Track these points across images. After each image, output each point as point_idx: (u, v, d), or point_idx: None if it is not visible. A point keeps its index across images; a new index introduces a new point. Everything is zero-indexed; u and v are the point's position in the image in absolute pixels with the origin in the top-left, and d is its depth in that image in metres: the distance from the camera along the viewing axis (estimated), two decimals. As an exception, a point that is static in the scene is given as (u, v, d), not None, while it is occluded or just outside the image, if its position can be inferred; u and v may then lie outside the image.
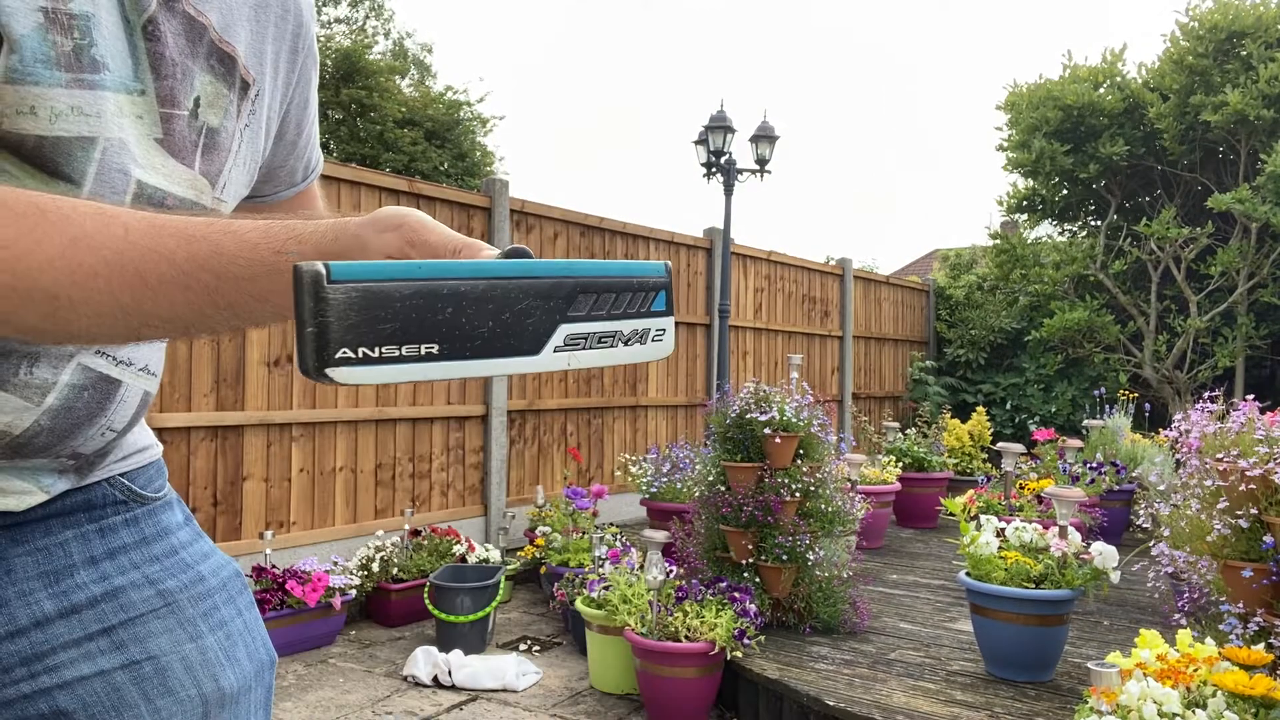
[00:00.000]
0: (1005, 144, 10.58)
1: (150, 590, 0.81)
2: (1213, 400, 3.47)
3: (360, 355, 0.46)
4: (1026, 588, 3.25)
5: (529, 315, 0.52)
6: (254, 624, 0.90)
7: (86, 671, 0.76)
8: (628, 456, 6.85)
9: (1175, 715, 2.12)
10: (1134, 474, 5.94)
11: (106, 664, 0.77)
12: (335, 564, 4.52)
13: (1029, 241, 10.99)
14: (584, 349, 0.55)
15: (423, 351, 0.48)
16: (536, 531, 5.19)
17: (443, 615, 4.14)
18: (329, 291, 0.45)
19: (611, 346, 0.57)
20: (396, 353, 0.47)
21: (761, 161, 8.23)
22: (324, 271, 0.45)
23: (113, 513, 0.82)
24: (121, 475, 0.83)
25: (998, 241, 10.95)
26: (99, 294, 0.56)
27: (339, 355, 0.46)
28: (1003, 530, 3.53)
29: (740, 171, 8.05)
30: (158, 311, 0.57)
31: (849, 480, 4.96)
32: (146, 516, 0.84)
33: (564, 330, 0.54)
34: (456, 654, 3.89)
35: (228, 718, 0.84)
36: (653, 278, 0.59)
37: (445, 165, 15.93)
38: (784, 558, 3.86)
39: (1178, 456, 3.70)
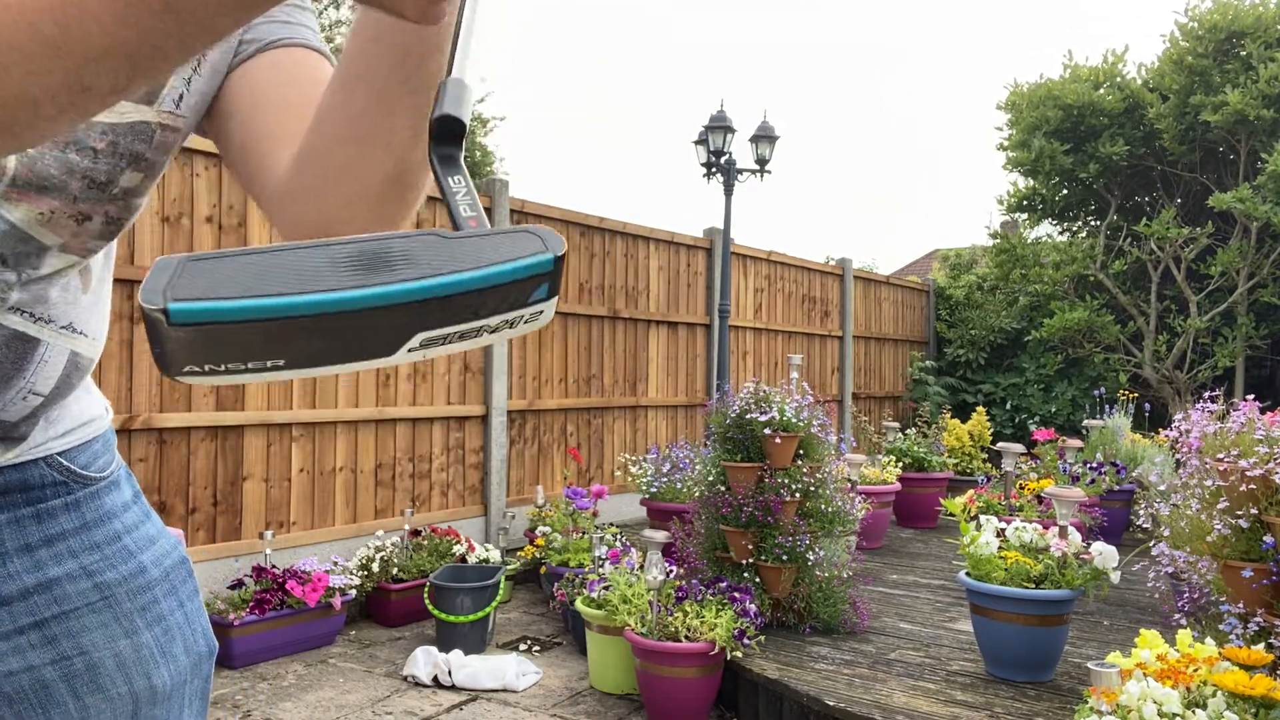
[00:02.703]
0: (1005, 143, 10.58)
1: (87, 583, 0.77)
2: (1213, 400, 3.47)
3: (205, 369, 0.47)
4: (1026, 588, 3.25)
5: (384, 332, 0.49)
6: (195, 614, 0.87)
7: (14, 667, 0.73)
8: (628, 456, 6.85)
9: (1175, 715, 2.12)
10: (1134, 474, 5.94)
11: (36, 659, 0.74)
12: (335, 564, 4.52)
13: (1029, 241, 10.99)
14: (442, 344, 0.52)
15: (268, 365, 0.48)
16: (536, 531, 5.19)
17: (443, 615, 4.14)
18: (170, 331, 0.45)
19: (476, 337, 0.53)
20: (241, 367, 0.47)
21: (761, 161, 8.23)
22: (162, 317, 0.45)
23: (51, 495, 0.77)
24: (60, 454, 0.78)
25: (998, 241, 10.95)
26: (18, 32, 0.46)
27: (185, 369, 0.47)
28: (1003, 530, 3.53)
29: (740, 171, 8.05)
30: (90, 40, 0.47)
31: (849, 480, 4.97)
32: (88, 500, 0.80)
33: (421, 336, 0.51)
34: (456, 654, 3.89)
35: (160, 714, 0.82)
36: (534, 275, 0.53)
37: (445, 165, 15.93)
38: (784, 558, 3.86)
39: (1178, 456, 3.70)
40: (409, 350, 0.51)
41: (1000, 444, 5.70)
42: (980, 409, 8.27)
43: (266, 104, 0.76)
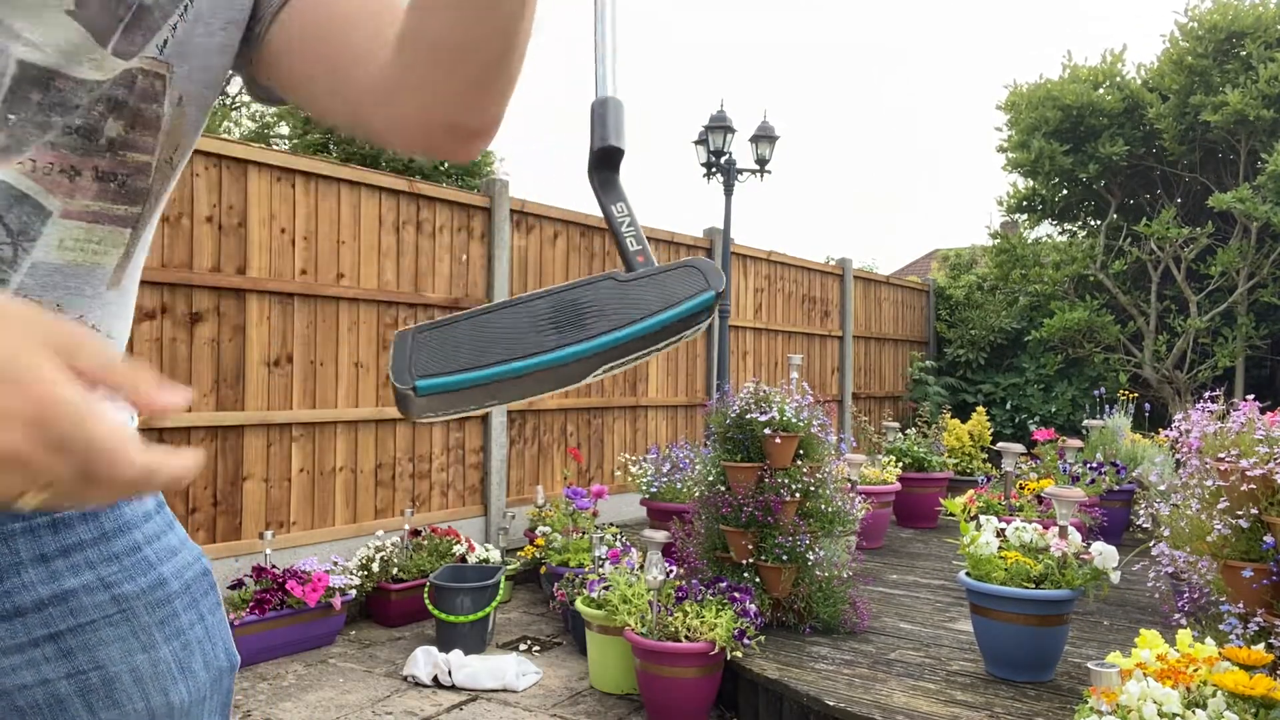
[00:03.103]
0: (1005, 144, 10.58)
1: (104, 595, 0.75)
2: (1213, 400, 3.47)
3: (438, 414, 0.61)
4: (1026, 588, 3.25)
5: (579, 370, 0.61)
6: (216, 628, 0.84)
7: (28, 680, 0.71)
8: (628, 456, 6.85)
9: (1175, 715, 2.12)
10: (1134, 474, 5.94)
11: (50, 673, 0.72)
12: (335, 564, 4.52)
13: (1029, 241, 10.99)
14: (619, 367, 0.62)
15: (484, 405, 0.61)
16: (536, 531, 5.19)
17: (443, 615, 4.14)
18: (416, 399, 0.59)
19: (646, 357, 0.62)
20: (467, 409, 0.61)
21: (761, 161, 8.23)
22: (412, 393, 0.59)
23: None
24: None
25: (998, 241, 10.95)
26: None
27: (424, 416, 0.61)
28: (1003, 530, 3.53)
29: (740, 171, 8.05)
30: None
31: (849, 480, 4.97)
32: (107, 510, 0.78)
33: (605, 366, 0.62)
34: (456, 654, 3.89)
35: None
36: (701, 311, 0.61)
37: (445, 165, 15.94)
38: (784, 558, 3.86)
39: (1178, 456, 3.70)
40: (592, 376, 0.62)
41: (1000, 444, 5.69)
42: (980, 409, 8.27)
43: (330, 30, 0.75)
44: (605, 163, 0.65)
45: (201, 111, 0.75)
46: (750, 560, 3.95)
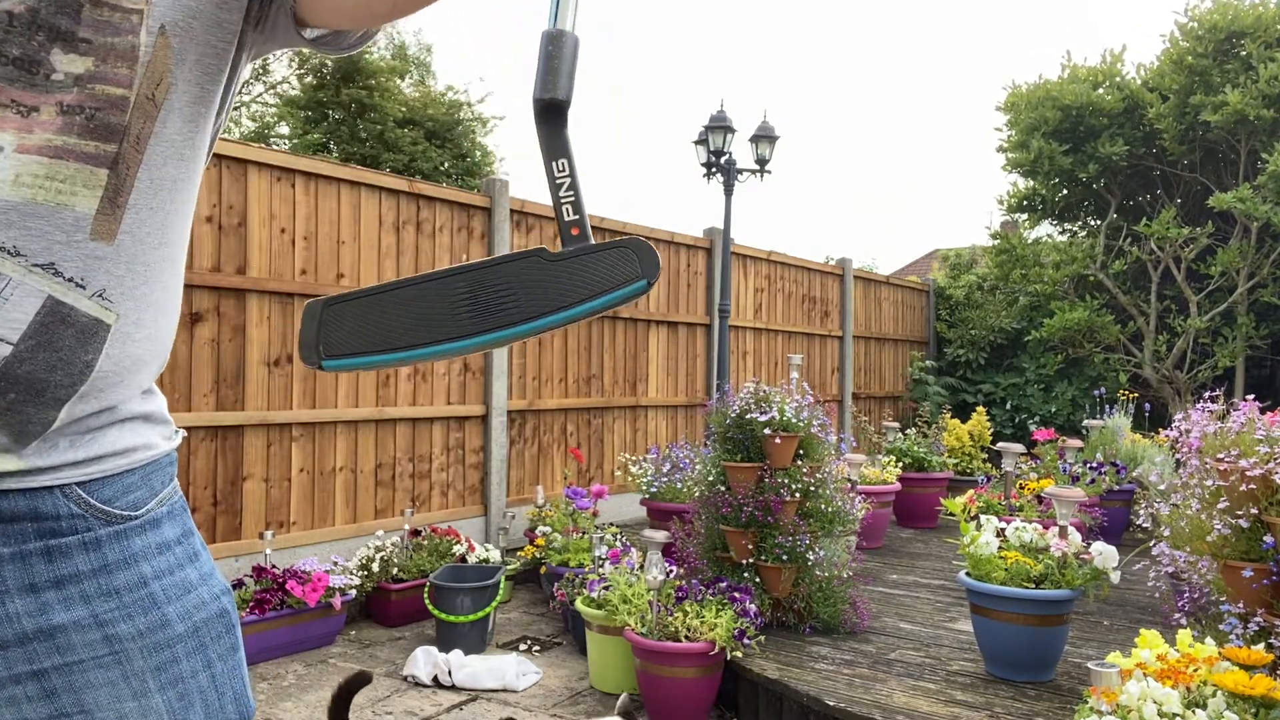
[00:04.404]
0: (1005, 144, 10.58)
1: (96, 634, 0.69)
2: (1213, 400, 3.47)
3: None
4: (1027, 588, 3.25)
5: (489, 350, 0.63)
6: (225, 677, 0.78)
7: (7, 719, 0.67)
8: (628, 456, 6.85)
9: (1175, 715, 2.12)
10: (1134, 474, 5.94)
11: (31, 713, 0.67)
12: (335, 564, 4.52)
13: (1029, 241, 10.99)
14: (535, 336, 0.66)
15: (392, 368, 0.69)
16: (536, 531, 5.19)
17: (443, 615, 4.14)
18: (323, 369, 0.64)
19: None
20: (373, 371, 0.66)
21: (761, 161, 8.23)
22: (319, 369, 0.63)
23: (68, 530, 0.68)
24: (79, 485, 0.69)
25: (998, 241, 10.95)
26: None
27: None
28: (1003, 530, 3.53)
29: (740, 171, 8.05)
30: None
31: (849, 480, 4.97)
32: (112, 540, 0.71)
33: (526, 340, 0.65)
34: (456, 654, 3.89)
35: None
36: (629, 298, 0.60)
37: (445, 165, 15.94)
38: (784, 558, 3.86)
39: (1178, 456, 3.70)
40: (506, 346, 0.67)
41: (1000, 444, 5.69)
42: (980, 409, 8.27)
43: None
44: (550, 115, 0.60)
45: (187, 44, 0.70)
46: (750, 560, 3.95)
